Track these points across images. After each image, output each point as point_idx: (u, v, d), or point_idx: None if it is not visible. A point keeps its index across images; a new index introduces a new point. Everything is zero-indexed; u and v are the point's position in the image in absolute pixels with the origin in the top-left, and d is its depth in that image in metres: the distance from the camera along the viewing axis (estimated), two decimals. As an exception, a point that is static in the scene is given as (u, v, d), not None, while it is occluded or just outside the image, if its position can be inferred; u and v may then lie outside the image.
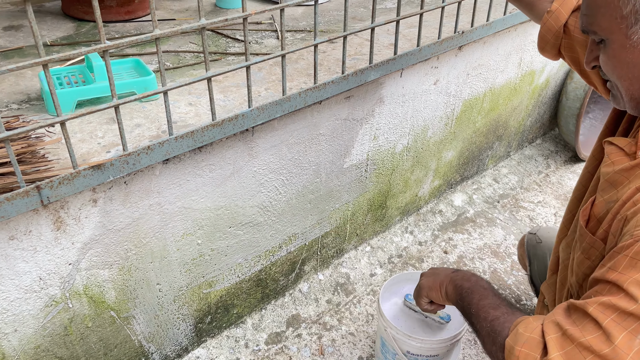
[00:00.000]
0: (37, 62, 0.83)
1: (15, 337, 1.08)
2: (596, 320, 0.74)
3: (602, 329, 0.73)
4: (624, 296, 0.72)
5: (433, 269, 1.25)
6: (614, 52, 0.84)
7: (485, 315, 0.94)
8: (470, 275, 1.10)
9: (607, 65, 0.87)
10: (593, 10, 0.84)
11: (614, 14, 0.81)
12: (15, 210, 0.91)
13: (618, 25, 0.81)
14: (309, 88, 1.28)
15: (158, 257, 1.26)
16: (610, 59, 0.86)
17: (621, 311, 0.72)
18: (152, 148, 1.06)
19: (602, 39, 0.85)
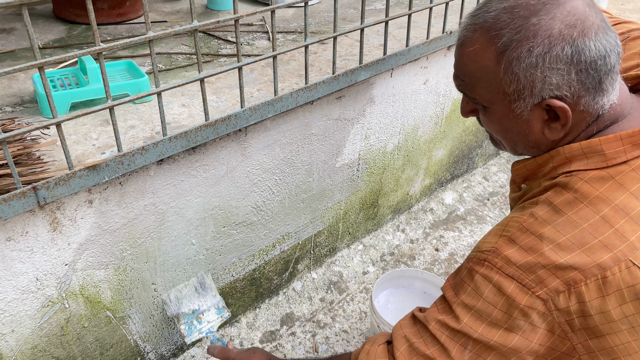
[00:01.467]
0: (33, 65, 0.85)
1: (12, 337, 1.09)
2: (434, 336, 0.84)
3: (440, 343, 0.83)
4: (452, 317, 0.82)
5: None
6: (496, 119, 0.84)
7: None
8: None
9: (489, 126, 0.88)
10: (472, 80, 0.82)
11: (495, 89, 0.80)
12: (12, 211, 0.92)
13: (501, 99, 0.81)
14: (301, 88, 1.30)
15: (153, 257, 1.27)
16: (492, 123, 0.86)
17: (452, 329, 0.82)
18: (146, 149, 1.07)
19: (482, 105, 0.84)
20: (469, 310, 0.81)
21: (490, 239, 0.83)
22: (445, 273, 1.92)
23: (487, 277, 0.79)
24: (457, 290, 0.84)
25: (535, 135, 0.83)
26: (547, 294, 0.75)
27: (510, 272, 0.77)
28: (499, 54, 0.77)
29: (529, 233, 0.78)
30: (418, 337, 0.86)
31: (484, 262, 0.80)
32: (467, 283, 0.82)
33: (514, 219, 0.82)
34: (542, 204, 0.80)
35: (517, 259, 0.77)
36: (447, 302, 0.85)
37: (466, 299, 0.82)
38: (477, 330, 0.80)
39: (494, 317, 0.79)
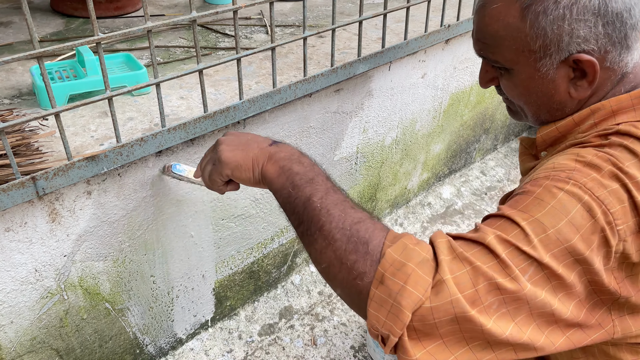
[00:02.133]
0: (32, 54, 0.85)
1: (11, 328, 1.09)
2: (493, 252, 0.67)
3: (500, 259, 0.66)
4: (519, 233, 0.68)
5: (237, 135, 0.90)
6: (521, 81, 0.82)
7: (340, 214, 0.71)
8: (298, 154, 0.82)
9: (511, 91, 0.86)
10: (495, 41, 0.81)
11: (520, 48, 0.78)
12: (11, 201, 0.92)
13: (526, 58, 0.79)
14: (299, 80, 1.30)
15: (152, 250, 1.27)
16: (515, 87, 0.84)
17: (517, 247, 0.67)
18: (145, 140, 1.07)
19: (506, 68, 0.83)
20: (544, 230, 0.67)
21: (565, 162, 0.74)
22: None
23: (576, 195, 0.69)
24: (530, 207, 0.70)
25: (561, 95, 0.81)
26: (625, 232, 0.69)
27: (601, 196, 0.69)
28: (524, 8, 0.76)
29: (610, 162, 0.71)
30: (468, 249, 0.68)
31: (569, 180, 0.70)
32: (547, 201, 0.69)
33: (583, 151, 0.75)
34: (612, 146, 0.74)
35: (607, 184, 0.69)
36: (510, 220, 0.69)
37: (544, 217, 0.68)
38: (547, 254, 0.67)
39: (573, 244, 0.67)
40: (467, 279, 0.66)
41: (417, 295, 0.65)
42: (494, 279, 0.65)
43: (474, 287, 0.66)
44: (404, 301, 0.65)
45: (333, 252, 0.70)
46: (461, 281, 0.66)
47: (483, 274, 0.66)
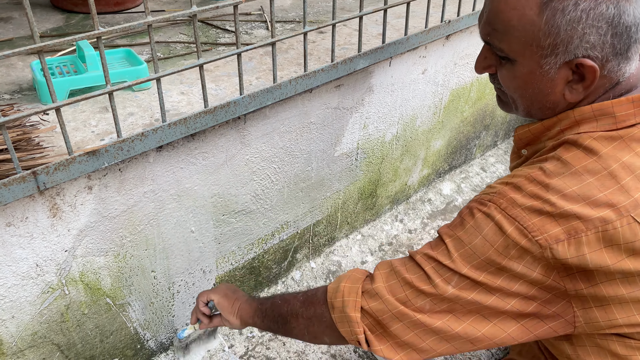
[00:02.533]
0: (32, 48, 0.85)
1: (12, 323, 1.09)
2: (419, 265, 0.86)
3: (424, 271, 0.85)
4: (443, 250, 0.84)
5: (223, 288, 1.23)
6: (521, 74, 0.84)
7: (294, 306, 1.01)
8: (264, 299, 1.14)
9: (508, 82, 0.87)
10: (505, 28, 0.81)
11: (529, 41, 0.79)
12: (12, 196, 0.92)
13: (532, 52, 0.80)
14: (300, 76, 1.30)
15: (152, 245, 1.27)
16: (514, 79, 0.85)
17: (439, 262, 0.84)
18: (145, 135, 1.07)
19: (509, 58, 0.84)
20: (463, 246, 0.82)
21: (495, 186, 0.85)
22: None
23: (490, 215, 0.81)
24: (454, 228, 0.85)
25: (555, 95, 0.83)
26: (547, 240, 0.76)
27: (514, 214, 0.78)
28: (544, 3, 0.76)
29: (536, 182, 0.79)
30: (402, 265, 0.88)
31: (489, 202, 0.82)
32: (467, 220, 0.83)
33: (521, 171, 0.83)
34: (551, 159, 0.82)
35: (522, 202, 0.78)
36: (440, 239, 0.87)
37: (463, 235, 0.83)
38: (466, 266, 0.81)
39: (488, 256, 0.80)
40: (398, 286, 0.86)
41: (353, 299, 0.88)
42: (419, 287, 0.84)
43: (404, 292, 0.85)
44: (348, 308, 0.89)
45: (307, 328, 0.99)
46: (393, 288, 0.87)
47: (409, 283, 0.85)
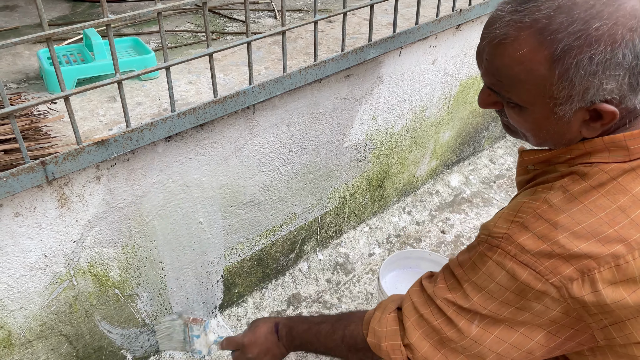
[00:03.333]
0: (41, 35, 0.83)
1: (20, 314, 1.09)
2: (442, 310, 0.86)
3: (447, 316, 0.85)
4: (461, 294, 0.83)
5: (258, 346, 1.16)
6: (533, 119, 0.80)
7: (334, 344, 1.03)
8: (289, 331, 1.12)
9: (519, 124, 0.83)
10: (513, 82, 0.76)
11: (541, 93, 0.75)
12: (20, 186, 0.91)
13: (545, 102, 0.76)
14: (309, 65, 1.28)
15: (161, 236, 1.26)
16: (525, 122, 0.81)
17: (459, 306, 0.83)
18: (154, 124, 1.06)
19: (518, 104, 0.79)
20: (479, 290, 0.82)
21: (501, 224, 0.82)
22: (452, 255, 1.91)
23: (501, 263, 0.79)
24: (468, 271, 0.84)
25: (572, 134, 0.79)
26: (561, 281, 0.75)
27: (525, 260, 0.77)
28: (555, 60, 0.71)
29: (543, 220, 0.77)
30: (426, 308, 0.88)
31: (497, 248, 0.80)
32: (479, 267, 0.82)
33: (526, 205, 0.80)
34: (556, 190, 0.79)
35: (531, 247, 0.77)
36: (456, 279, 0.86)
37: (478, 280, 0.82)
38: (486, 308, 0.81)
39: (506, 297, 0.80)
40: (430, 331, 0.87)
41: (399, 357, 0.90)
42: (446, 333, 0.85)
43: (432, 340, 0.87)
44: None
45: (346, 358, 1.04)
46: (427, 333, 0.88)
47: (437, 330, 0.86)
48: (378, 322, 0.93)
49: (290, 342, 1.12)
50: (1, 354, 1.10)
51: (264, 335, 1.14)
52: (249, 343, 1.15)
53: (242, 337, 1.17)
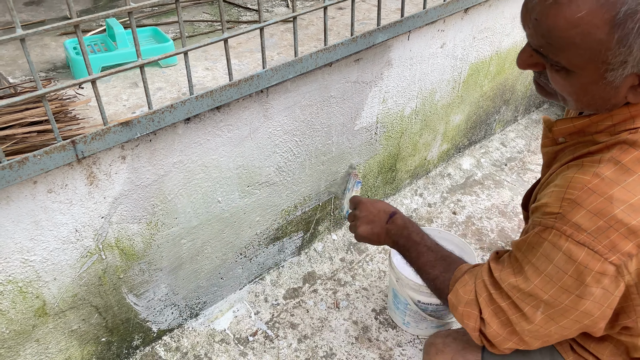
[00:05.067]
0: (70, 23, 0.90)
1: (54, 285, 1.17)
2: (507, 294, 0.87)
3: (512, 301, 0.87)
4: (523, 278, 0.84)
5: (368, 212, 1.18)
6: (580, 83, 0.77)
7: (426, 275, 1.06)
8: (402, 227, 1.12)
9: (563, 88, 0.80)
10: (565, 45, 0.73)
11: (594, 58, 0.72)
12: (53, 163, 0.99)
13: (596, 67, 0.73)
14: (320, 50, 1.34)
15: (182, 213, 1.34)
16: (570, 86, 0.79)
17: (522, 291, 0.85)
18: (175, 107, 1.13)
19: (565, 68, 0.76)
20: (539, 273, 0.81)
21: (552, 203, 0.80)
22: (463, 235, 1.96)
23: (557, 244, 0.78)
24: (526, 253, 0.84)
25: (618, 99, 0.77)
26: (620, 259, 0.74)
27: (581, 239, 0.75)
28: (616, 24, 0.67)
29: (596, 195, 0.75)
30: (495, 289, 0.90)
31: (552, 229, 0.78)
32: (536, 248, 0.81)
33: (576, 180, 0.78)
34: (607, 162, 0.77)
35: (587, 225, 0.75)
36: (518, 262, 0.86)
37: (536, 262, 0.82)
38: (547, 293, 0.81)
39: (565, 282, 0.79)
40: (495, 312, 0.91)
41: (473, 325, 0.93)
42: (510, 315, 0.88)
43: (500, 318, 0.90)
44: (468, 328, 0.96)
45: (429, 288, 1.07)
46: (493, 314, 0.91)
47: (502, 309, 0.89)
48: (463, 287, 0.95)
49: (395, 235, 1.12)
50: (37, 323, 1.19)
51: (378, 209, 1.17)
52: (364, 204, 1.19)
53: (364, 199, 1.21)
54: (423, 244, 1.09)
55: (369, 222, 1.17)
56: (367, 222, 1.17)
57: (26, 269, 1.11)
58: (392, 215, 1.16)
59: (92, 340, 1.32)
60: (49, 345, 1.23)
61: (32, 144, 1.03)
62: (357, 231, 1.18)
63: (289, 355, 1.55)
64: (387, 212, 1.17)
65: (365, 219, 1.18)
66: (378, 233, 1.16)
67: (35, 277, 1.13)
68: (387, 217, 1.16)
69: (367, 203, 1.20)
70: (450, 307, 0.98)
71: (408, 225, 1.13)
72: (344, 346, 1.59)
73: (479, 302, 0.92)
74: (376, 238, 1.17)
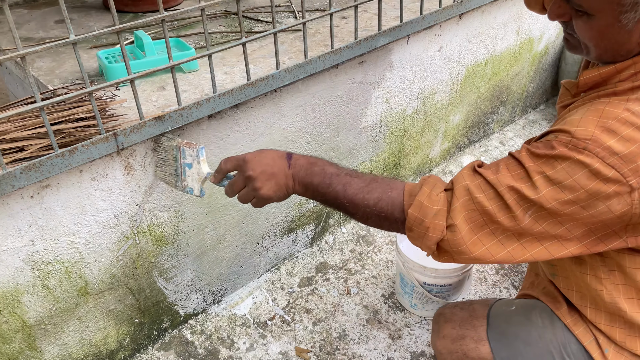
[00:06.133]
0: (112, 30, 1.05)
1: (95, 266, 1.31)
2: (502, 197, 0.89)
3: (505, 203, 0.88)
4: (530, 186, 0.87)
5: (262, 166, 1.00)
6: (598, 27, 0.87)
7: (364, 203, 0.96)
8: (309, 165, 1.00)
9: (584, 33, 0.91)
10: None
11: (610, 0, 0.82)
12: (97, 153, 1.14)
13: (612, 9, 0.82)
14: (327, 52, 1.49)
15: (206, 204, 1.48)
16: (590, 30, 0.89)
17: (524, 196, 0.88)
18: (200, 104, 1.27)
19: (586, 12, 0.86)
20: (551, 184, 0.87)
21: (585, 127, 0.87)
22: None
23: (586, 163, 0.84)
24: (543, 165, 0.88)
25: (631, 45, 0.86)
26: (638, 182, 0.83)
27: (612, 162, 0.83)
28: None
29: (628, 124, 0.84)
30: (481, 192, 0.90)
31: (584, 150, 0.85)
32: (559, 163, 0.87)
33: (607, 112, 0.86)
34: (635, 100, 0.86)
35: (619, 149, 0.83)
36: (525, 171, 0.89)
37: (553, 175, 0.87)
38: (551, 202, 0.86)
39: (577, 195, 0.85)
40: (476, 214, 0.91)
41: (438, 236, 0.93)
42: (497, 218, 0.89)
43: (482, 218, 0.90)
44: (428, 241, 0.94)
45: (371, 224, 1.01)
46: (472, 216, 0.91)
47: (483, 212, 0.90)
48: (427, 198, 0.92)
49: (304, 177, 0.99)
50: (79, 302, 1.32)
51: (272, 158, 1.01)
52: (251, 159, 1.00)
53: (244, 155, 1.02)
54: (343, 173, 0.99)
55: (270, 177, 0.99)
56: (267, 178, 0.99)
57: (71, 251, 1.24)
58: (289, 157, 1.02)
59: (127, 320, 1.45)
60: (89, 324, 1.36)
61: (78, 138, 1.17)
62: (259, 194, 1.00)
63: (305, 336, 1.67)
64: (282, 156, 1.02)
65: (262, 175, 0.99)
66: (285, 184, 1.00)
67: (79, 258, 1.27)
68: (285, 162, 1.01)
69: (252, 158, 1.01)
70: (410, 223, 0.93)
71: (314, 160, 1.00)
72: (355, 327, 1.70)
73: (451, 209, 0.91)
74: (284, 191, 1.01)
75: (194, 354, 1.58)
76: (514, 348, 1.16)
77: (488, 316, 1.23)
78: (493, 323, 1.21)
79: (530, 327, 1.17)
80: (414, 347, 1.65)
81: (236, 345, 1.63)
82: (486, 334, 1.20)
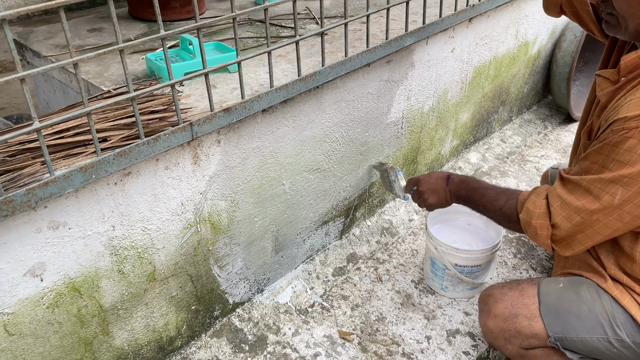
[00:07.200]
0: (159, 36, 1.14)
1: (163, 252, 1.38)
2: (588, 190, 1.12)
3: (592, 194, 1.11)
4: (608, 172, 1.08)
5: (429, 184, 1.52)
6: (636, 1, 1.02)
7: (492, 208, 1.34)
8: (460, 182, 1.45)
9: (622, 7, 1.05)
10: None
11: None
12: (176, 141, 1.22)
13: None
14: (364, 51, 1.61)
15: (256, 194, 1.57)
16: (629, 5, 1.03)
17: (603, 180, 1.09)
18: (260, 97, 1.37)
19: None
20: (623, 165, 1.06)
21: (633, 110, 1.04)
22: (480, 216, 2.21)
23: None
24: (610, 153, 1.08)
25: None
26: None
27: None
28: None
29: None
30: (569, 195, 1.15)
31: (636, 128, 1.03)
32: (620, 147, 1.06)
33: None
34: None
35: None
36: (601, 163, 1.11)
37: (620, 157, 1.06)
38: (627, 177, 1.06)
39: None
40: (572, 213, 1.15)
41: (545, 233, 1.20)
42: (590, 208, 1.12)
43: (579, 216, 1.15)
44: (540, 239, 1.22)
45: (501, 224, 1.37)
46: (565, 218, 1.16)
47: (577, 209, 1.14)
48: (533, 204, 1.21)
49: (457, 191, 1.43)
50: (148, 287, 1.39)
51: (435, 178, 1.50)
52: (422, 180, 1.51)
53: (420, 176, 1.56)
54: (482, 186, 1.40)
55: (434, 192, 1.49)
56: (432, 193, 1.50)
57: (144, 237, 1.32)
58: (447, 177, 1.49)
59: (185, 307, 1.52)
60: (154, 310, 1.43)
61: (153, 129, 1.25)
62: (428, 203, 1.52)
63: (346, 320, 1.76)
64: (443, 177, 1.51)
65: (429, 190, 1.51)
66: (444, 197, 1.48)
67: (151, 244, 1.34)
68: (444, 181, 1.49)
69: (424, 178, 1.55)
70: (522, 225, 1.24)
71: (464, 179, 1.46)
72: (392, 310, 1.80)
73: (550, 212, 1.18)
74: (444, 201, 1.49)
75: (244, 340, 1.65)
76: (567, 322, 1.26)
77: (538, 294, 1.32)
78: (544, 300, 1.31)
79: (580, 302, 1.27)
80: (448, 325, 1.76)
81: (282, 330, 1.70)
82: (539, 311, 1.29)
